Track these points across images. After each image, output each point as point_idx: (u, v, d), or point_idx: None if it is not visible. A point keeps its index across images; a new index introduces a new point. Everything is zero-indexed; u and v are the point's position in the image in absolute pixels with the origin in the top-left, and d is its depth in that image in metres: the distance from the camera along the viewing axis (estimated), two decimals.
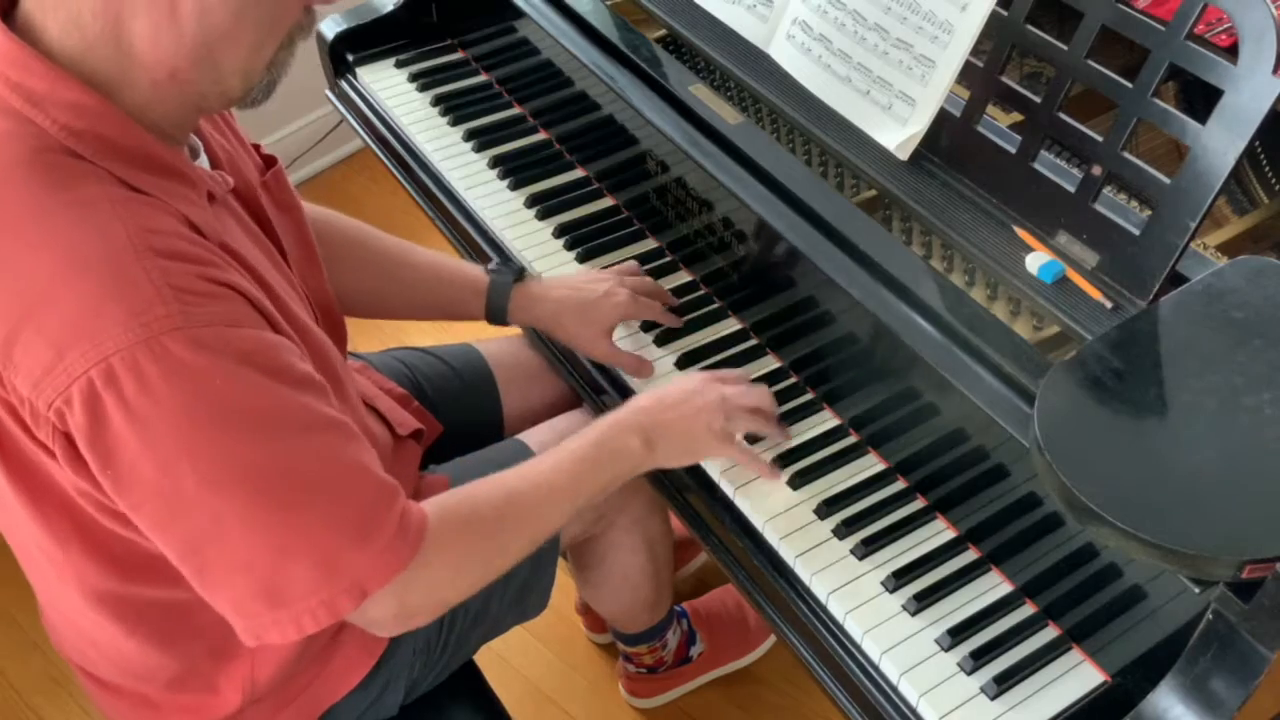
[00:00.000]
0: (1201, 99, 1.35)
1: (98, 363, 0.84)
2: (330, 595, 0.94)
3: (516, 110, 1.70)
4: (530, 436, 1.40)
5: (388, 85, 1.74)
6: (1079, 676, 1.07)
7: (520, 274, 1.38)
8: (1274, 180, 1.33)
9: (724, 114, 1.33)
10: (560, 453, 1.12)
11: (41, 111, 0.88)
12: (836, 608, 1.12)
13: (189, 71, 0.91)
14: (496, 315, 1.38)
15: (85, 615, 1.08)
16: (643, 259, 1.47)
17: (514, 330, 1.46)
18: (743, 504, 1.21)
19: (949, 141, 1.19)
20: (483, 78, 1.76)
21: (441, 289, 1.38)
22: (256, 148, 1.16)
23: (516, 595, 1.34)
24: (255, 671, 1.13)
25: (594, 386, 1.39)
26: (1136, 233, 1.05)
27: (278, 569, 0.92)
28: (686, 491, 1.27)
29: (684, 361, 1.33)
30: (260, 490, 0.90)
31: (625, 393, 1.34)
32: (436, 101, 1.71)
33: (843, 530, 1.17)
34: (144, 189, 0.90)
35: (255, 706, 1.17)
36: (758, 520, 1.20)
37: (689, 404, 1.18)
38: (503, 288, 1.36)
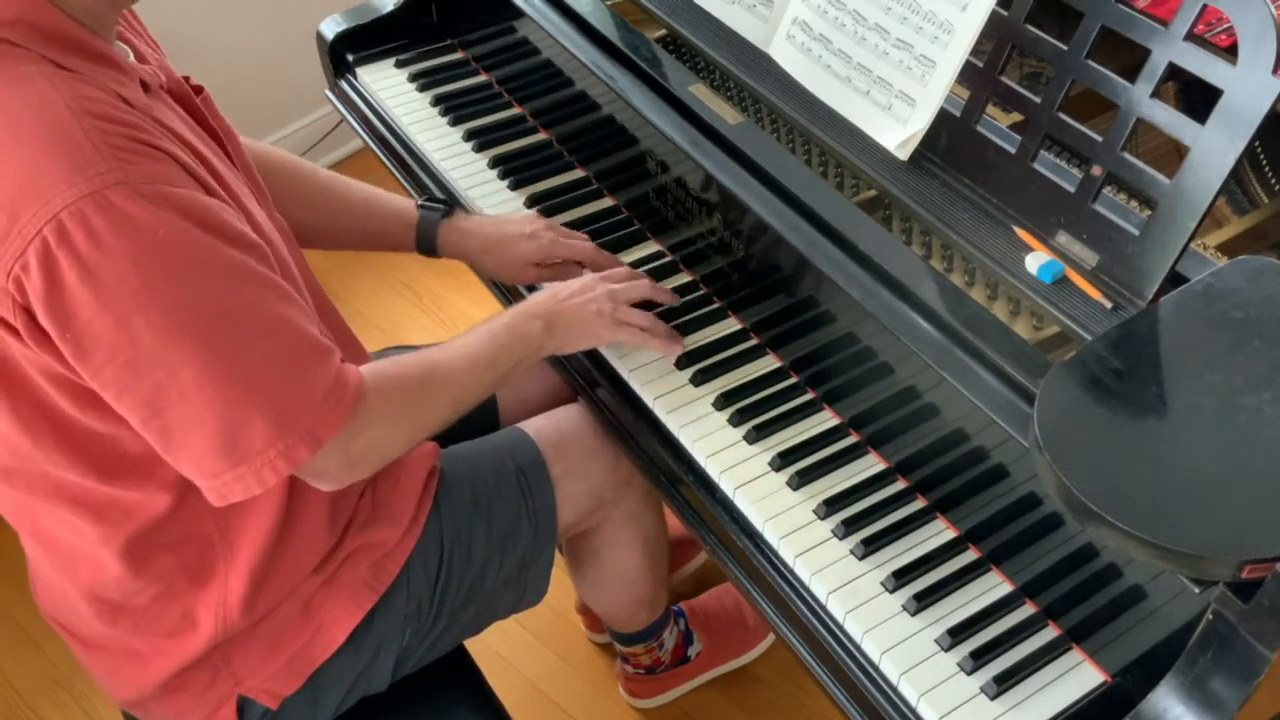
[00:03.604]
0: (1201, 99, 1.35)
1: (49, 220, 0.89)
2: (287, 445, 1.00)
3: (516, 110, 1.70)
4: (529, 425, 1.40)
5: (388, 85, 1.74)
6: (1079, 676, 1.07)
7: (449, 209, 1.44)
8: (1274, 180, 1.33)
9: (724, 114, 1.33)
10: (474, 333, 1.23)
11: None
12: (836, 607, 1.12)
13: None
14: (426, 247, 1.44)
15: (66, 524, 1.10)
16: (643, 260, 1.47)
17: None
18: (743, 503, 1.21)
19: (949, 141, 1.19)
20: (483, 78, 1.76)
21: (373, 221, 1.44)
22: (186, 79, 1.18)
23: (514, 573, 1.34)
24: (228, 596, 1.15)
25: (588, 379, 1.39)
26: (1136, 233, 1.05)
27: (233, 422, 0.97)
28: (679, 484, 1.28)
29: (684, 362, 1.33)
30: (207, 338, 0.95)
31: (618, 385, 1.34)
32: (436, 101, 1.71)
33: (842, 530, 1.17)
34: (77, 70, 0.95)
35: (242, 656, 1.18)
36: (758, 520, 1.19)
37: (581, 296, 1.29)
38: (431, 222, 1.43)
